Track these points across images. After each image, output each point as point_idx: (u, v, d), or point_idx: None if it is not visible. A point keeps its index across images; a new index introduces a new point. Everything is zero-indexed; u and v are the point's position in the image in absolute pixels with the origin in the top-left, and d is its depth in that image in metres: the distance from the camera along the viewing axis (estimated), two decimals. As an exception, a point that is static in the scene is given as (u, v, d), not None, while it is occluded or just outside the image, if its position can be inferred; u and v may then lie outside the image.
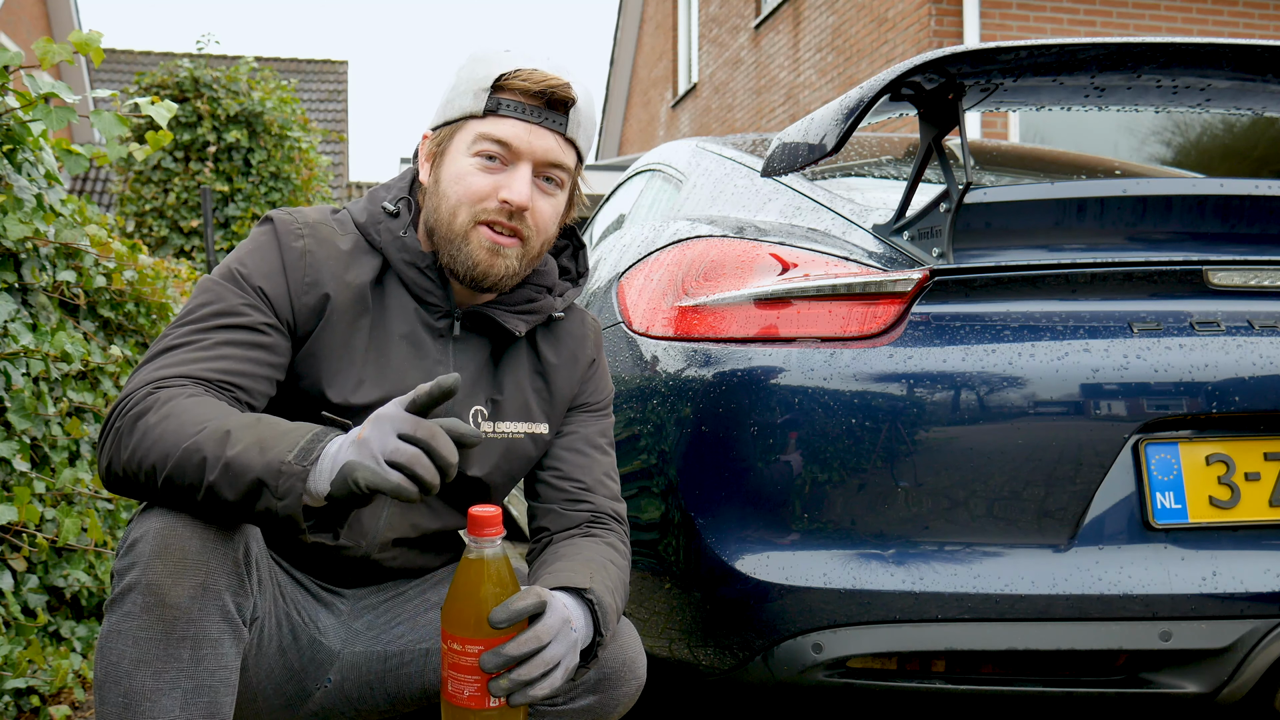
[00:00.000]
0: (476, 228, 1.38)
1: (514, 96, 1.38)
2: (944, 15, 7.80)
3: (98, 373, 2.54)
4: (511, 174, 1.38)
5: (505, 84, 1.38)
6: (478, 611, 1.15)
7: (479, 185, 1.38)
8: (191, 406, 1.20)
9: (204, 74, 8.45)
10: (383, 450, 1.09)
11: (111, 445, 1.23)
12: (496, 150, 1.38)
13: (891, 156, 2.62)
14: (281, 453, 1.12)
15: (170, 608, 1.15)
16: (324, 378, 1.38)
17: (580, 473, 1.53)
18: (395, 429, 1.10)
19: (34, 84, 2.18)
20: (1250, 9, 8.31)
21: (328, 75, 18.75)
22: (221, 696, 1.19)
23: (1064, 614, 1.63)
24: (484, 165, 1.38)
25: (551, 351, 1.53)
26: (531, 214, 1.40)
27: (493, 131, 1.37)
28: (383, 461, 1.08)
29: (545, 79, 1.37)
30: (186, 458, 1.15)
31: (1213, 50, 1.75)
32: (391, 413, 1.11)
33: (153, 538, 1.17)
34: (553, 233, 1.45)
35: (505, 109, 1.37)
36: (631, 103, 17.22)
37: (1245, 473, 1.68)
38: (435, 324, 1.44)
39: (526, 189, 1.38)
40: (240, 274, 1.36)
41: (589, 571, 1.34)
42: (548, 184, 1.41)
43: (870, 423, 1.66)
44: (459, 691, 1.17)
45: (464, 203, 1.38)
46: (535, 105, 1.38)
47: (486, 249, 1.38)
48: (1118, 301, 1.72)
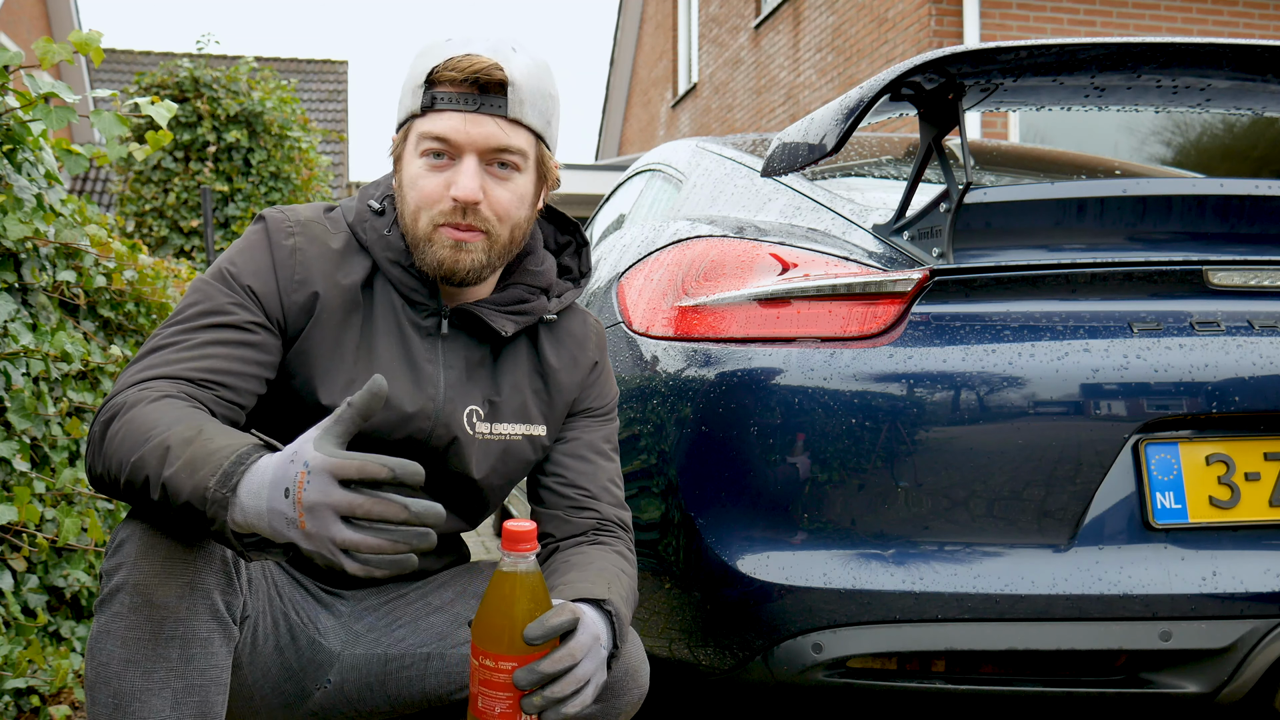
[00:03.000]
0: (437, 230, 1.36)
1: (446, 89, 1.34)
2: (944, 15, 7.80)
3: (98, 373, 2.54)
4: (457, 169, 1.35)
5: (438, 76, 1.34)
6: (511, 628, 1.14)
7: (430, 188, 1.36)
8: (148, 415, 1.18)
9: (204, 74, 8.44)
10: (333, 540, 1.01)
11: (90, 450, 1.24)
12: (440, 147, 1.35)
13: (891, 156, 2.62)
14: (205, 477, 1.08)
15: (158, 607, 1.15)
16: (315, 376, 1.37)
17: (584, 479, 1.52)
18: (332, 506, 1.00)
19: (34, 84, 2.18)
20: (1250, 9, 8.31)
21: (328, 75, 18.75)
22: (212, 695, 1.19)
23: (1064, 614, 1.63)
24: (432, 165, 1.35)
25: (552, 353, 1.52)
26: (488, 204, 1.36)
27: (432, 129, 1.34)
28: (339, 553, 1.01)
29: (473, 64, 1.32)
30: (135, 472, 1.15)
31: (1213, 50, 1.75)
32: (321, 483, 1.00)
33: (139, 537, 1.17)
34: (521, 217, 1.41)
35: (441, 102, 1.34)
36: (631, 103, 17.22)
37: (1245, 473, 1.68)
38: (423, 322, 1.43)
39: (473, 182, 1.34)
40: (230, 273, 1.36)
41: (605, 582, 1.33)
42: (502, 169, 1.37)
43: (870, 423, 1.66)
44: (490, 708, 1.16)
45: (421, 207, 1.37)
46: (468, 93, 1.33)
47: (449, 247, 1.36)
48: (1118, 301, 1.72)
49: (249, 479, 1.06)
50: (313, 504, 1.01)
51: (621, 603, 1.31)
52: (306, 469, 1.02)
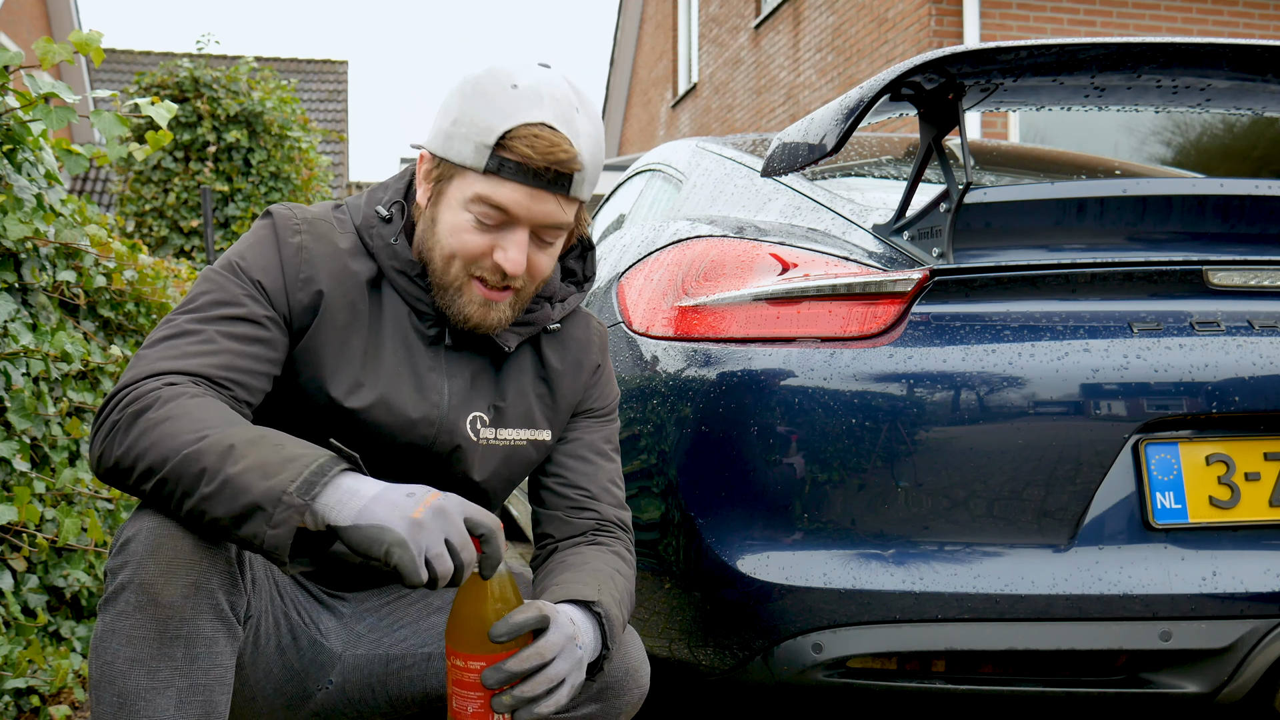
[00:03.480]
0: (470, 281, 1.36)
1: (517, 158, 1.30)
2: (944, 15, 7.80)
3: (98, 373, 2.54)
4: (508, 237, 1.33)
5: (510, 146, 1.29)
6: (479, 627, 1.15)
7: (474, 245, 1.34)
8: (194, 409, 1.19)
9: (204, 74, 8.44)
10: (428, 547, 1.11)
11: (107, 437, 1.21)
12: (497, 216, 1.33)
13: (891, 156, 2.62)
14: (284, 481, 1.11)
15: (163, 606, 1.15)
16: (324, 374, 1.37)
17: (585, 480, 1.51)
18: (445, 532, 1.12)
19: (34, 84, 2.18)
20: (1250, 9, 8.31)
21: (328, 75, 18.75)
22: (217, 695, 1.19)
23: (1064, 614, 1.63)
24: (480, 224, 1.33)
25: (556, 357, 1.51)
26: (527, 273, 1.37)
27: (493, 196, 1.31)
28: (421, 559, 1.10)
29: (550, 149, 1.29)
30: (185, 465, 1.14)
31: (1213, 50, 1.75)
32: (453, 513, 1.13)
33: (145, 536, 1.16)
34: (550, 270, 1.42)
35: (507, 172, 1.30)
36: (631, 103, 17.22)
37: (1245, 473, 1.68)
38: (427, 331, 1.43)
39: (524, 256, 1.33)
40: (240, 266, 1.36)
41: (596, 583, 1.33)
42: (546, 237, 1.37)
43: (870, 423, 1.66)
44: (463, 708, 1.16)
45: (458, 257, 1.35)
46: (540, 171, 1.31)
47: (479, 304, 1.36)
48: (1118, 301, 1.72)
49: (337, 490, 1.13)
50: (445, 508, 1.13)
51: (614, 604, 1.31)
52: (439, 495, 1.15)
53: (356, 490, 1.13)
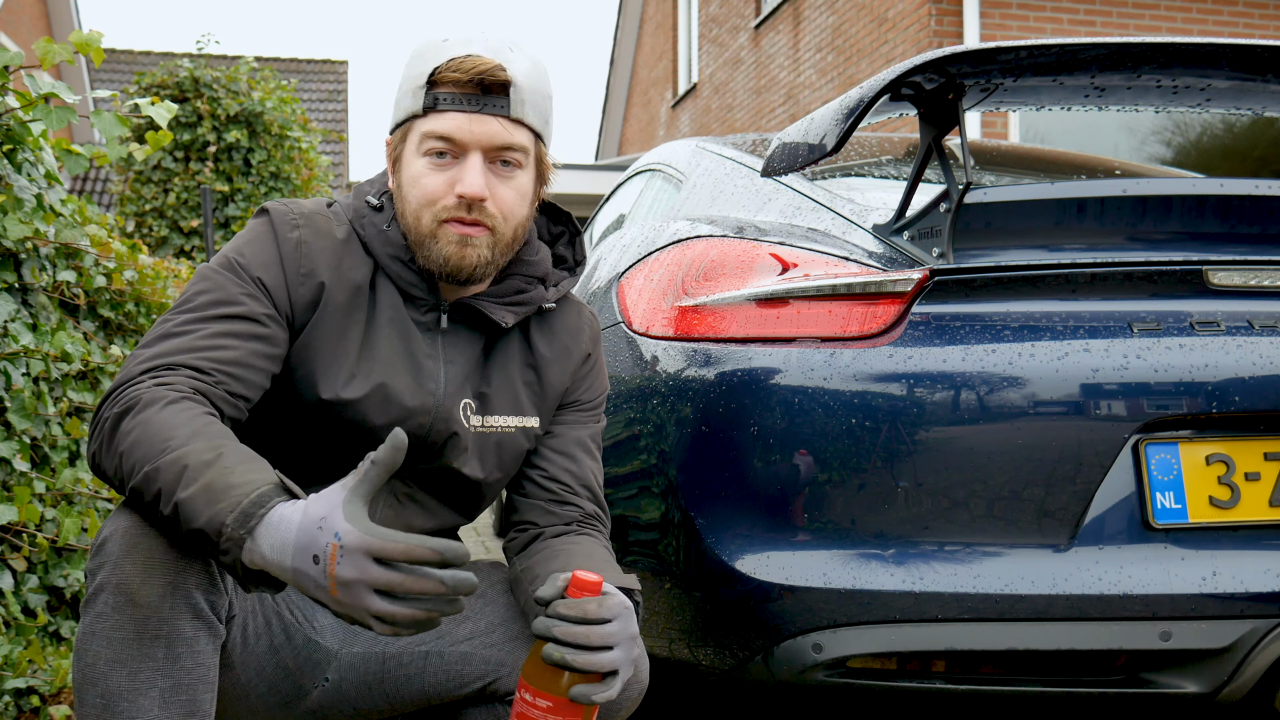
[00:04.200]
0: (441, 226, 1.38)
1: (449, 89, 1.35)
2: (944, 15, 7.80)
3: (98, 373, 2.54)
4: (463, 166, 1.37)
5: (439, 78, 1.36)
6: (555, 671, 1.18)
7: (433, 185, 1.37)
8: (164, 420, 1.18)
9: (204, 74, 8.44)
10: (368, 611, 1.03)
11: (97, 436, 1.23)
12: (443, 146, 1.36)
13: (891, 156, 2.62)
14: (223, 512, 1.09)
15: (141, 606, 1.15)
16: (317, 370, 1.37)
17: (567, 475, 1.52)
18: (369, 583, 1.02)
19: (34, 84, 2.18)
20: (1250, 9, 8.31)
21: (328, 75, 18.75)
22: (200, 694, 1.19)
23: (1064, 614, 1.63)
24: (435, 164, 1.37)
25: (544, 343, 1.52)
26: (493, 201, 1.38)
27: (435, 128, 1.36)
28: (370, 619, 1.04)
29: (476, 65, 1.34)
30: (147, 483, 1.15)
31: (1213, 50, 1.75)
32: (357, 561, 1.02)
33: (121, 536, 1.17)
34: (523, 215, 1.43)
35: (444, 103, 1.36)
36: (631, 103, 17.23)
37: (1245, 473, 1.68)
38: (422, 318, 1.44)
39: (480, 179, 1.36)
40: (239, 264, 1.36)
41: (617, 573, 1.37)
42: (505, 167, 1.39)
43: (870, 423, 1.66)
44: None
45: (424, 205, 1.38)
46: (471, 93, 1.35)
47: (455, 242, 1.37)
48: (1118, 301, 1.72)
49: (268, 528, 1.07)
50: (349, 580, 1.03)
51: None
52: (339, 542, 1.03)
53: (278, 523, 1.07)
